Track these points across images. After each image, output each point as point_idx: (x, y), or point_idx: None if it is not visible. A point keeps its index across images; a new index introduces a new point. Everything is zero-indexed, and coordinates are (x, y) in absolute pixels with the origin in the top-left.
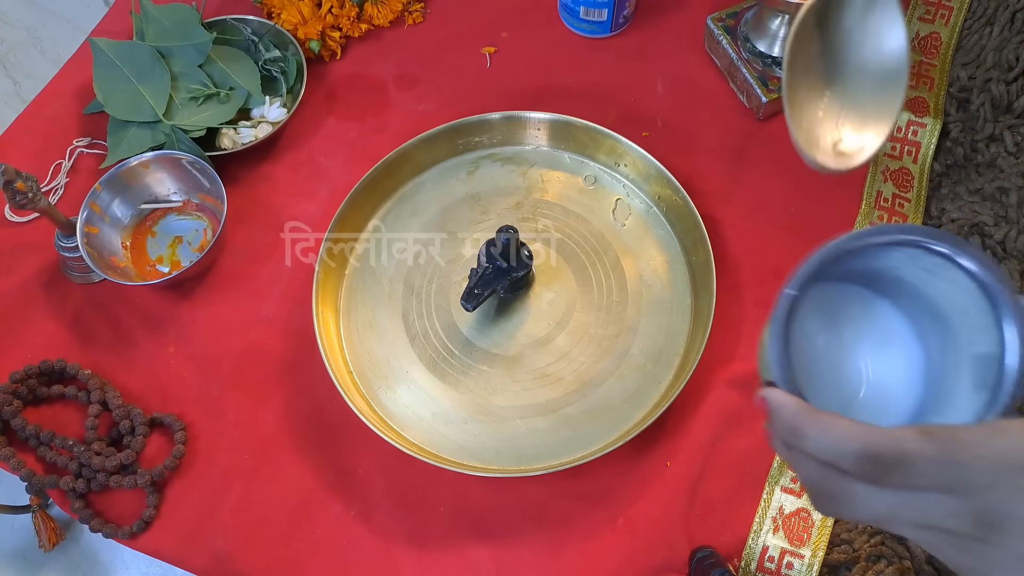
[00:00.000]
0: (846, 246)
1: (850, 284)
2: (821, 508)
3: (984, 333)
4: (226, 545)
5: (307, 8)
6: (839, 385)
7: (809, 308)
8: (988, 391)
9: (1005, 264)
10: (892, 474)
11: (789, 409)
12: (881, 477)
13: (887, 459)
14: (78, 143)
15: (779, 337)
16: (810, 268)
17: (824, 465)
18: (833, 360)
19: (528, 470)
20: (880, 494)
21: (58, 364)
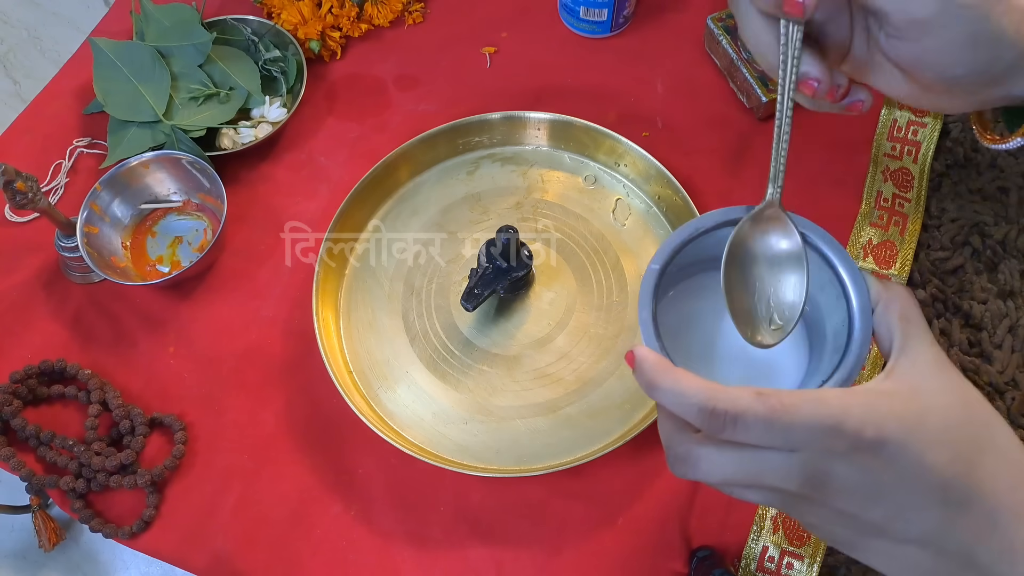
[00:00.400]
0: (702, 224)
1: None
2: (675, 468)
3: (837, 304)
4: (226, 545)
5: (307, 8)
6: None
7: (685, 290)
8: (840, 355)
9: (1006, 263)
10: (728, 429)
11: (648, 362)
12: (719, 432)
13: (723, 414)
14: (78, 143)
15: (645, 305)
16: (670, 244)
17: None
18: (717, 338)
19: (528, 470)
20: (722, 452)
21: (58, 364)
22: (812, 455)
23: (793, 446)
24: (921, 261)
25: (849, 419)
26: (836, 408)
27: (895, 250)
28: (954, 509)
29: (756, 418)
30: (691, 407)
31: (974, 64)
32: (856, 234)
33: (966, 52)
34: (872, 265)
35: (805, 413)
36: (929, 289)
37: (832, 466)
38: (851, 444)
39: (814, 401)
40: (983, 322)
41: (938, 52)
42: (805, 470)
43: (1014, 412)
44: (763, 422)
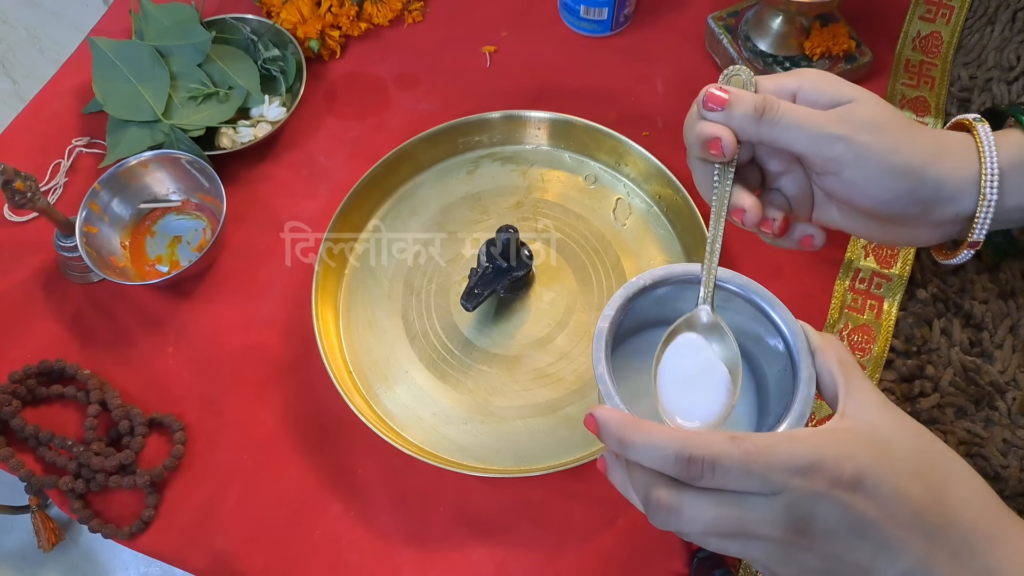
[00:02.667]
0: (642, 282)
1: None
2: (656, 518)
3: (776, 352)
4: (226, 545)
5: (306, 7)
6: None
7: (635, 349)
8: (788, 397)
9: (1007, 263)
10: (707, 474)
11: (614, 421)
12: (698, 477)
13: (700, 460)
14: (77, 142)
15: (599, 360)
16: (616, 302)
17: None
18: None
19: (528, 470)
20: (702, 499)
21: (57, 364)
22: (794, 497)
23: (773, 489)
24: (922, 260)
25: (826, 456)
26: (811, 446)
27: (896, 249)
28: (933, 538)
29: (733, 462)
30: (667, 457)
31: (898, 190)
32: None
33: (885, 180)
34: (873, 265)
35: (781, 453)
36: (930, 289)
37: (815, 507)
38: (831, 481)
39: (788, 440)
40: (984, 322)
41: (863, 183)
42: (788, 513)
43: (1015, 412)
44: (740, 465)
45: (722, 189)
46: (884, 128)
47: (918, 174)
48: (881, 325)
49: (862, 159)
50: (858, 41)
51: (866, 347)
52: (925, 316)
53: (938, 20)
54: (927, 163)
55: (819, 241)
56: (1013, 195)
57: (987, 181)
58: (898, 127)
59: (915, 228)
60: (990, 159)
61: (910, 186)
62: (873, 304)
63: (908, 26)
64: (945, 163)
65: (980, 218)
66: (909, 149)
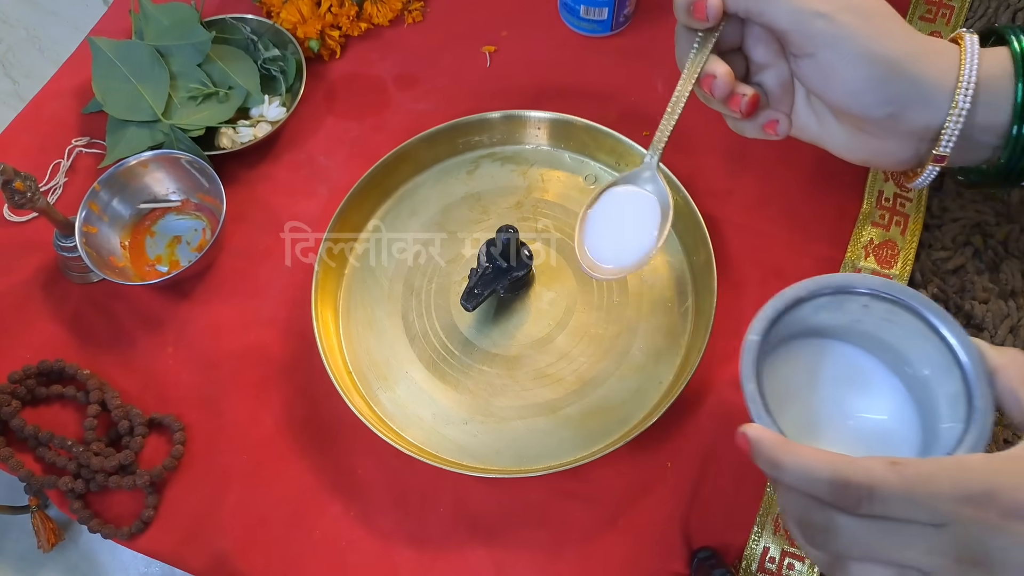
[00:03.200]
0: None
1: (820, 338)
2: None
3: (948, 374)
4: (225, 545)
5: (306, 7)
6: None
7: (784, 359)
8: (962, 424)
9: (1007, 264)
10: (864, 502)
11: (767, 442)
12: (855, 505)
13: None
14: (77, 142)
15: (749, 378)
16: (768, 313)
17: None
18: (821, 405)
19: (528, 470)
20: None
21: (57, 364)
22: (963, 528)
23: (940, 519)
24: (922, 261)
25: (1000, 485)
26: (982, 473)
27: (896, 250)
28: None
29: (893, 490)
30: (820, 482)
31: (872, 79)
32: (857, 234)
33: (861, 67)
34: (873, 265)
35: (947, 481)
36: (930, 289)
37: (990, 539)
38: (1004, 512)
39: (955, 468)
40: (984, 322)
41: (838, 66)
42: (959, 544)
43: None
44: (902, 493)
45: (699, 55)
46: (870, 15)
47: (895, 67)
48: None
49: (840, 40)
50: None
51: None
52: None
53: (938, 20)
54: (907, 58)
55: (783, 128)
56: (985, 111)
57: (962, 89)
58: (885, 17)
59: (885, 138)
60: (970, 68)
61: (884, 78)
62: None
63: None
64: (925, 63)
65: (949, 127)
66: (891, 40)
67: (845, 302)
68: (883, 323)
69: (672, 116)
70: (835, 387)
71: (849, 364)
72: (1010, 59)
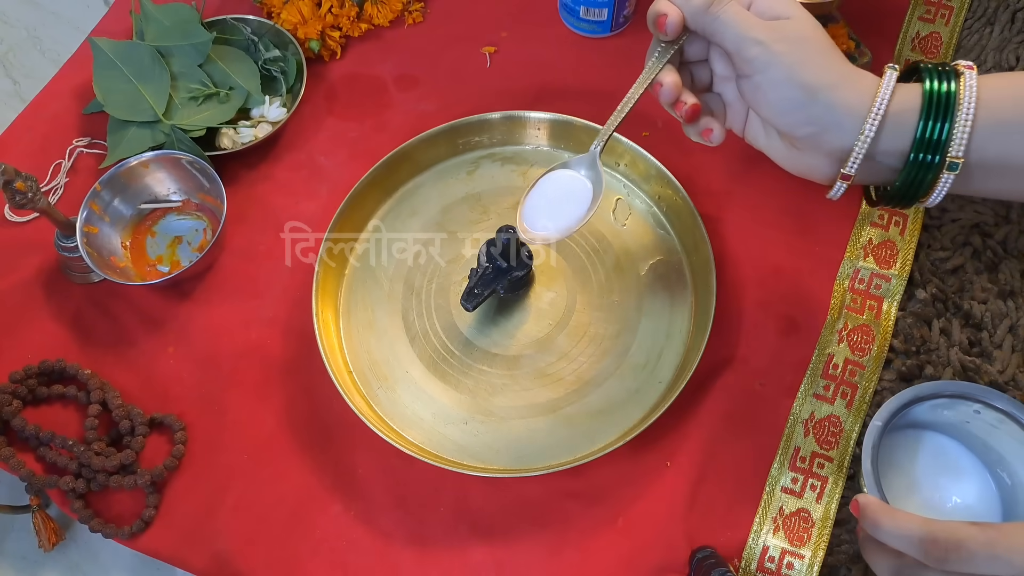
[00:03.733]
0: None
1: (932, 431)
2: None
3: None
4: (226, 545)
5: (307, 8)
6: (928, 506)
7: (899, 443)
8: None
9: (1006, 264)
10: (951, 557)
11: (872, 506)
12: (942, 560)
13: (944, 543)
14: (78, 143)
15: (868, 455)
16: (893, 406)
17: (898, 555)
18: (921, 486)
19: (528, 470)
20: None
21: (58, 364)
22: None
23: (1018, 571)
24: (921, 261)
25: None
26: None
27: (895, 250)
28: None
29: (977, 545)
30: (911, 539)
31: (793, 102)
32: (856, 234)
33: (785, 90)
34: (872, 265)
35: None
36: (929, 289)
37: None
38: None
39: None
40: (983, 322)
41: (767, 89)
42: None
43: None
44: (985, 549)
45: (656, 63)
46: (802, 45)
47: (813, 92)
48: (880, 325)
49: (772, 66)
50: (857, 42)
51: (865, 347)
52: (924, 316)
53: (937, 20)
54: (826, 86)
55: (716, 136)
56: (890, 138)
57: (870, 118)
58: (815, 49)
59: (811, 155)
60: (881, 99)
61: (804, 102)
62: (872, 304)
63: (907, 26)
64: (842, 91)
65: (856, 149)
66: (814, 69)
67: (960, 404)
68: (990, 428)
69: (620, 114)
70: (935, 473)
71: (950, 456)
72: (921, 96)
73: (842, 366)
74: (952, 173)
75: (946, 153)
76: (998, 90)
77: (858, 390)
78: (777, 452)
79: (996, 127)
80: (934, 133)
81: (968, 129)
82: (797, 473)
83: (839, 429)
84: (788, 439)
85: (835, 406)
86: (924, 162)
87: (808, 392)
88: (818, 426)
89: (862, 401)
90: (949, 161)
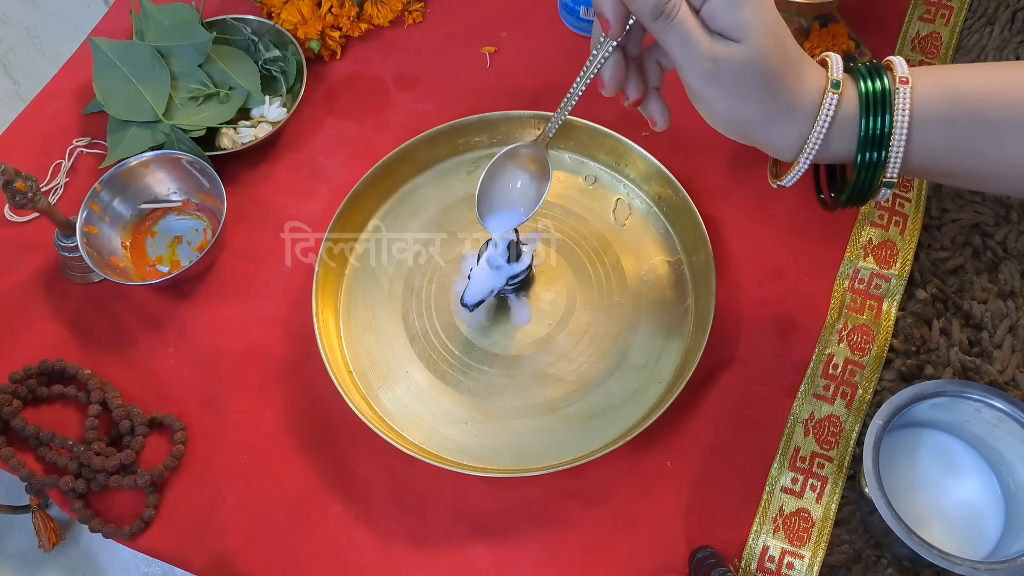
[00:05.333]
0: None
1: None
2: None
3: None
4: (226, 545)
5: (307, 8)
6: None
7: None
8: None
9: (1006, 264)
10: None
11: None
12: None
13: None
14: (78, 143)
15: (869, 455)
16: (893, 405)
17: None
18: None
19: (528, 470)
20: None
21: (58, 364)
22: None
23: None
24: (921, 261)
25: None
26: None
27: (895, 250)
28: None
29: None
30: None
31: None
32: (856, 234)
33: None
34: (872, 265)
35: None
36: (929, 289)
37: None
38: None
39: None
40: (983, 322)
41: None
42: None
43: None
44: None
45: (597, 57)
46: (744, 82)
47: (748, 127)
48: (880, 325)
49: (710, 100)
50: (857, 42)
51: (865, 347)
52: (924, 316)
53: (937, 21)
54: (763, 121)
55: (660, 127)
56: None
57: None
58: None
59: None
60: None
61: (740, 130)
62: (872, 304)
63: (907, 27)
64: (779, 127)
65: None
66: (755, 105)
67: (960, 403)
68: (990, 426)
69: (564, 110)
70: (937, 471)
71: (952, 454)
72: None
73: (842, 366)
74: (888, 190)
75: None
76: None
77: (858, 390)
78: (777, 452)
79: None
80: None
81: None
82: (797, 473)
83: (839, 429)
84: (788, 439)
85: (835, 406)
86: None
87: (808, 392)
88: (818, 426)
89: (862, 401)
90: (885, 181)
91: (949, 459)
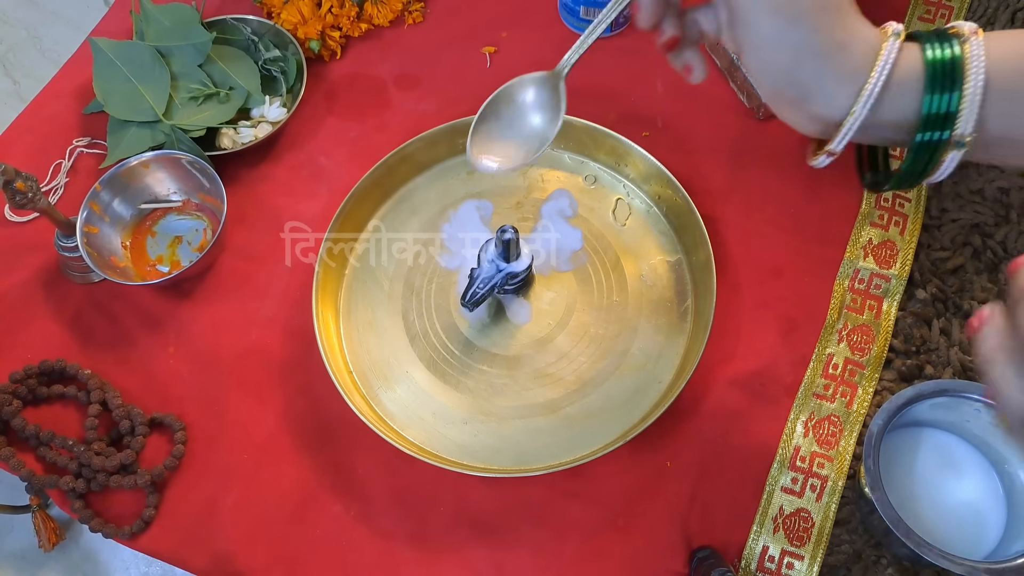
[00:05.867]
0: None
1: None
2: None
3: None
4: (226, 545)
5: (307, 8)
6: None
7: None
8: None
9: (1005, 264)
10: None
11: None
12: None
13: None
14: (78, 143)
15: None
16: (893, 405)
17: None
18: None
19: (528, 470)
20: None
21: (58, 364)
22: None
23: None
24: (921, 261)
25: None
26: None
27: (895, 250)
28: None
29: None
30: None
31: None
32: (856, 234)
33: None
34: (873, 265)
35: None
36: (929, 289)
37: None
38: None
39: None
40: None
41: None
42: None
43: None
44: None
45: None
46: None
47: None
48: (880, 325)
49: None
50: None
51: (866, 347)
52: (924, 316)
53: (938, 20)
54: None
55: (698, 77)
56: (887, 110)
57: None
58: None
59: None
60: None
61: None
62: (872, 304)
63: (908, 27)
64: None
65: (844, 128)
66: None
67: (960, 403)
68: (990, 426)
69: (587, 40)
70: (938, 470)
71: (953, 453)
72: (923, 65)
73: (842, 366)
74: (960, 151)
75: (954, 129)
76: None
77: (858, 390)
78: (777, 452)
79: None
80: (941, 107)
81: (978, 103)
82: (797, 473)
83: (839, 429)
84: (788, 439)
85: (835, 406)
86: (931, 142)
87: (808, 392)
88: (818, 426)
89: (862, 401)
90: (955, 140)
91: (949, 458)
